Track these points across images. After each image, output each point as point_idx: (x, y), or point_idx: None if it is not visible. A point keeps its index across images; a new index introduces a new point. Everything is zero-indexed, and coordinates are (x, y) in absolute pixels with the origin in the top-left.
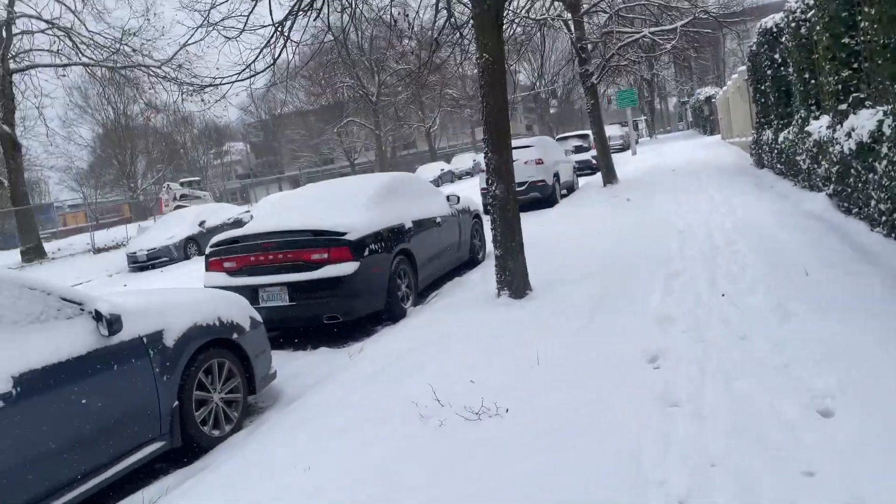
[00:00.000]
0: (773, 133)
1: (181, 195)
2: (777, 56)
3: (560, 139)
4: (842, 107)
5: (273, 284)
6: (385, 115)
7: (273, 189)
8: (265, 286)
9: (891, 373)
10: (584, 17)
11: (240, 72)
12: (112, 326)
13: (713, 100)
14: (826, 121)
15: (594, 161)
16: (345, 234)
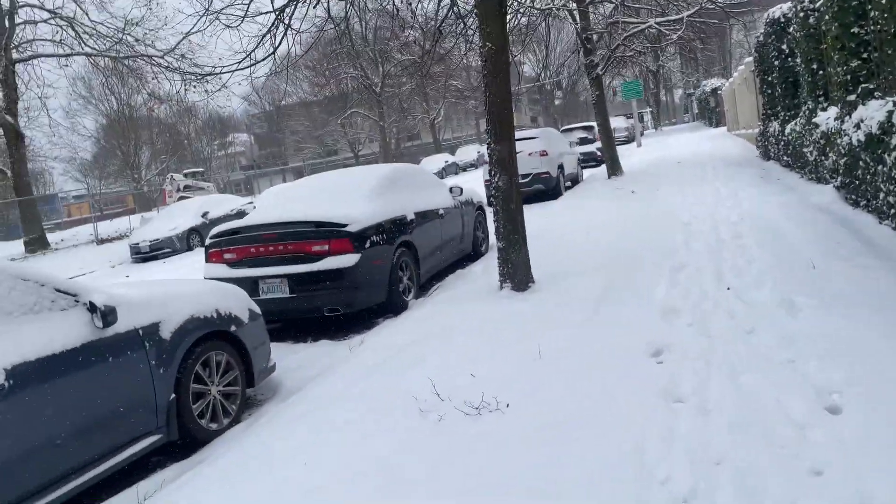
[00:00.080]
0: (780, 124)
1: (185, 186)
2: (784, 46)
3: (565, 131)
4: (850, 97)
5: (273, 276)
6: (389, 107)
7: (277, 180)
8: (265, 278)
9: None
10: (590, 7)
11: (240, 60)
12: (107, 318)
13: (719, 91)
14: (834, 112)
15: (599, 153)
16: (346, 226)
